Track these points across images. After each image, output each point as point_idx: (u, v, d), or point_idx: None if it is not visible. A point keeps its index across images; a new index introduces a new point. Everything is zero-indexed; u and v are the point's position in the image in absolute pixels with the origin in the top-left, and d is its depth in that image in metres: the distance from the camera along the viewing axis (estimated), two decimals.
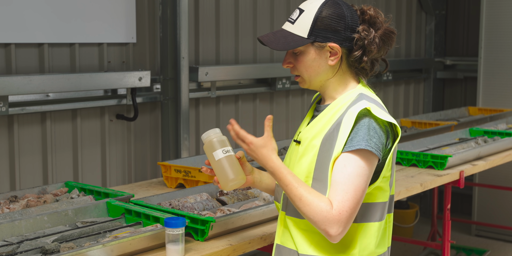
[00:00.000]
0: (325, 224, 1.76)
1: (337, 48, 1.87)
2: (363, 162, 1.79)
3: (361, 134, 1.80)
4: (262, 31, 4.31)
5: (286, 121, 4.60)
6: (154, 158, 3.76)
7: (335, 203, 1.77)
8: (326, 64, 1.89)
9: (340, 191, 1.77)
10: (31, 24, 3.10)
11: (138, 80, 3.44)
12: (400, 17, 5.77)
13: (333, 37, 1.86)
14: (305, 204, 1.78)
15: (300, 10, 1.89)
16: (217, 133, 1.97)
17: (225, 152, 1.94)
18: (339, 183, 1.78)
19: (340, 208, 1.76)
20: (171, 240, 2.08)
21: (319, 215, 1.76)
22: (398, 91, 5.82)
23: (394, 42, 1.93)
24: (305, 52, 1.89)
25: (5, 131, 3.07)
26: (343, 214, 1.76)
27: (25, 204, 2.50)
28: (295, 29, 1.88)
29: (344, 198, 1.77)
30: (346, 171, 1.78)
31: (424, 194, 6.25)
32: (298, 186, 1.81)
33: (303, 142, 1.93)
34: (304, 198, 1.78)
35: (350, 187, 1.77)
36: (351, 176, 1.78)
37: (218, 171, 1.95)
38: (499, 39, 5.54)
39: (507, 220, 5.53)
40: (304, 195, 1.79)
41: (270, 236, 2.36)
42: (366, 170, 1.79)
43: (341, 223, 1.76)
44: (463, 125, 4.66)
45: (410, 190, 3.12)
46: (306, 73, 1.91)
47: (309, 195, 1.79)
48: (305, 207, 1.78)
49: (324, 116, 1.91)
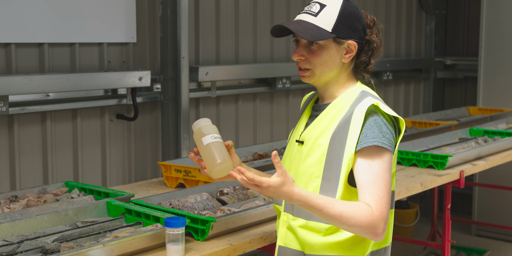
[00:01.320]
0: (373, 227, 1.77)
1: (354, 46, 1.89)
2: (384, 157, 1.81)
3: (375, 130, 1.82)
4: (262, 31, 4.31)
5: (286, 121, 4.60)
6: (154, 158, 3.76)
7: (373, 204, 1.79)
8: (340, 61, 1.91)
9: (374, 190, 1.79)
10: (31, 24, 3.10)
11: (138, 80, 3.44)
12: (400, 17, 5.77)
13: (353, 34, 1.89)
14: (348, 218, 1.76)
15: (320, 5, 1.89)
16: (207, 121, 1.98)
17: (214, 138, 1.93)
18: (371, 183, 1.80)
19: (380, 206, 1.78)
20: (171, 240, 2.08)
21: (365, 221, 1.77)
22: (398, 91, 5.82)
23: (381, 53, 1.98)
24: (325, 47, 1.89)
25: (5, 131, 3.07)
26: (384, 211, 1.79)
27: (25, 204, 2.50)
28: (319, 22, 1.87)
29: (380, 196, 1.79)
30: (373, 170, 1.81)
31: (424, 194, 6.25)
32: (333, 206, 1.77)
33: (306, 142, 1.93)
34: (345, 213, 1.76)
35: (381, 184, 1.80)
36: (379, 173, 1.80)
37: (205, 156, 1.92)
38: (499, 39, 5.54)
39: (507, 220, 5.53)
40: (343, 210, 1.77)
41: (270, 236, 2.36)
42: (388, 164, 1.82)
43: (384, 220, 1.79)
44: (463, 125, 4.66)
45: (410, 190, 3.12)
46: (319, 68, 1.91)
47: (347, 208, 1.77)
48: (349, 221, 1.77)
49: (327, 115, 1.91)
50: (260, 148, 3.71)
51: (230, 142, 2.00)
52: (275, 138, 4.50)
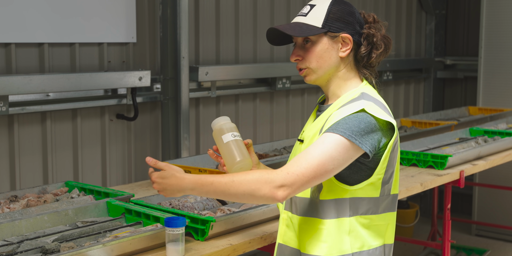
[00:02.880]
0: (267, 184, 1.70)
1: (349, 39, 1.90)
2: (341, 147, 1.75)
3: (352, 123, 1.78)
4: (262, 31, 4.31)
5: (286, 121, 4.60)
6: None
7: (287, 166, 1.73)
8: (337, 55, 1.91)
9: (302, 160, 1.74)
10: (31, 24, 3.10)
11: (138, 79, 3.44)
12: (400, 17, 5.77)
13: (345, 27, 1.90)
14: (240, 180, 1.72)
15: (311, 6, 1.93)
16: (226, 119, 2.01)
17: (234, 136, 1.97)
18: (307, 153, 1.75)
19: (291, 170, 1.72)
20: (171, 240, 2.08)
21: (260, 179, 1.71)
22: (398, 90, 5.82)
23: (391, 48, 1.97)
24: (318, 42, 1.90)
25: (5, 130, 3.07)
26: (290, 174, 1.71)
27: (25, 204, 2.50)
28: (309, 20, 1.91)
29: (302, 165, 1.72)
30: (320, 147, 1.75)
31: (424, 194, 6.25)
32: (224, 176, 1.75)
33: (305, 140, 1.95)
34: (236, 177, 1.73)
35: (315, 161, 1.73)
36: (322, 153, 1.73)
37: (225, 153, 1.96)
38: (499, 38, 5.54)
39: (507, 220, 5.53)
40: (234, 176, 1.74)
41: (270, 236, 2.36)
42: (340, 156, 1.75)
43: (288, 183, 1.70)
44: (463, 125, 4.66)
45: (410, 190, 3.12)
46: (316, 64, 1.91)
47: (239, 174, 1.74)
48: (242, 183, 1.72)
49: (326, 115, 1.92)
50: (260, 148, 3.71)
51: (249, 140, 2.03)
52: (275, 138, 4.50)
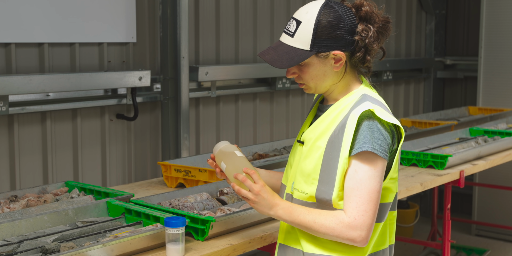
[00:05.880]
0: (344, 233, 1.80)
1: (341, 55, 1.86)
2: (371, 164, 1.80)
3: (366, 135, 1.80)
4: (262, 31, 4.31)
5: (286, 121, 4.60)
6: (154, 158, 3.76)
7: (349, 211, 1.80)
8: (331, 70, 1.89)
9: (354, 197, 1.81)
10: (31, 24, 3.10)
11: (138, 79, 3.44)
12: (400, 17, 5.77)
13: (335, 44, 1.85)
14: (320, 224, 1.82)
15: (296, 21, 1.86)
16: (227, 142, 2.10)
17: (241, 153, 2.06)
18: (352, 189, 1.81)
19: (355, 213, 1.79)
20: (171, 240, 2.08)
21: (336, 228, 1.81)
22: (398, 90, 5.82)
23: (391, 30, 1.92)
24: (310, 64, 1.88)
25: (5, 130, 3.07)
26: (358, 218, 1.79)
27: (25, 204, 2.50)
28: (296, 42, 1.86)
29: (358, 203, 1.80)
30: (357, 176, 1.81)
31: (424, 194, 6.25)
32: (309, 212, 1.85)
33: (306, 142, 1.93)
34: (317, 220, 1.83)
35: (363, 191, 1.80)
36: (363, 180, 1.80)
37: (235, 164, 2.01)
38: (499, 38, 5.54)
39: (507, 220, 5.53)
40: (316, 217, 1.84)
41: (270, 236, 2.36)
42: (376, 171, 1.81)
43: (360, 227, 1.79)
44: (463, 125, 4.66)
45: (410, 190, 3.12)
46: (312, 82, 1.92)
47: (321, 215, 1.84)
48: (322, 228, 1.82)
49: (328, 117, 1.91)
50: (260, 148, 3.71)
51: None
52: (275, 138, 4.50)
